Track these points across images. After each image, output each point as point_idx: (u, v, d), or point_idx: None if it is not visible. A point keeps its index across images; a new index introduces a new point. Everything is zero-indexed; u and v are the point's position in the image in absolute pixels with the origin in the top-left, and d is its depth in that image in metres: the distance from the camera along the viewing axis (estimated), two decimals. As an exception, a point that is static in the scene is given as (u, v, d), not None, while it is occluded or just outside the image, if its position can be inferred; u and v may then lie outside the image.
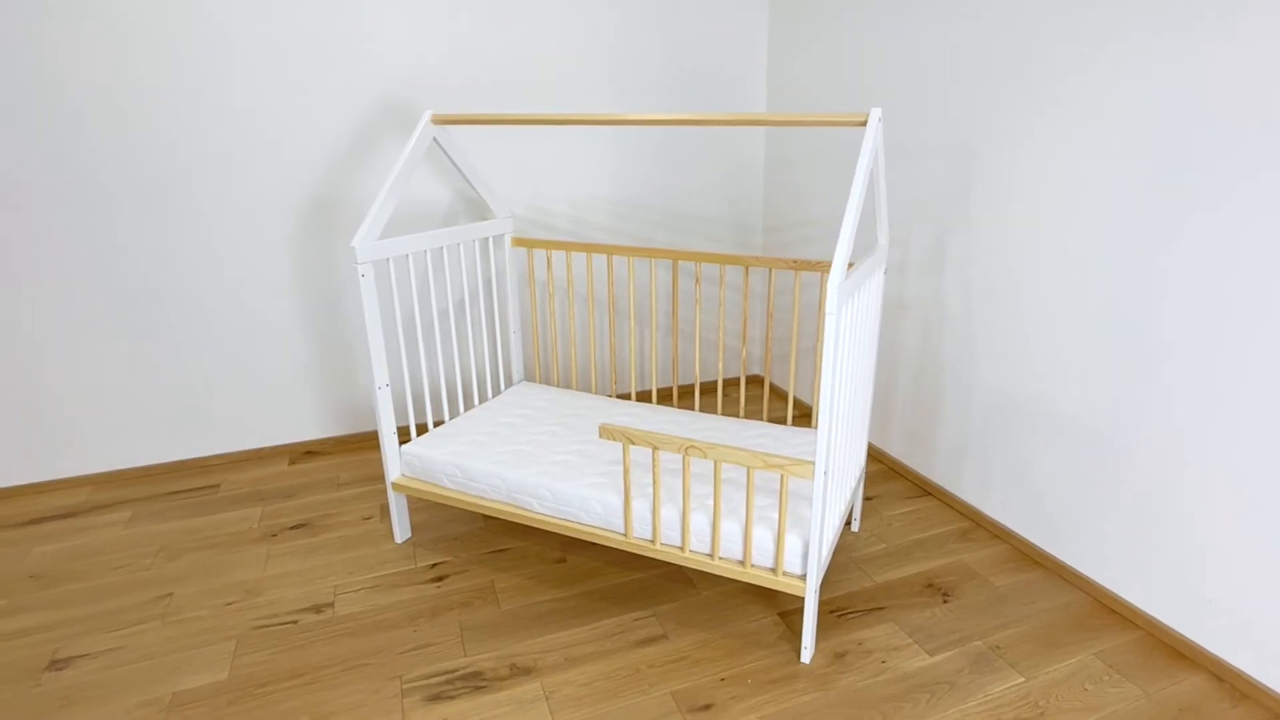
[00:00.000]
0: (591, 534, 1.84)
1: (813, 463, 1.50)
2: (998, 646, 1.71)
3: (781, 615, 1.84)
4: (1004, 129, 1.96)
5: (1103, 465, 1.81)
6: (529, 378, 3.05)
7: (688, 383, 3.39)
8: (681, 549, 1.73)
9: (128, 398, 2.53)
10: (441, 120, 2.11)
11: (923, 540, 2.15)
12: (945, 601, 1.88)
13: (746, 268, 2.19)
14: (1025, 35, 1.86)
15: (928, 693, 1.57)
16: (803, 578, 1.62)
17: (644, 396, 3.27)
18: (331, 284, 2.66)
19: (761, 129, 3.15)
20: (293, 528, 2.28)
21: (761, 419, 2.94)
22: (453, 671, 1.67)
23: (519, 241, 2.51)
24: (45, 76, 2.19)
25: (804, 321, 3.05)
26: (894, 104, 2.36)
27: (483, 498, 1.99)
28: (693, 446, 1.61)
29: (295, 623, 1.84)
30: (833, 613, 1.84)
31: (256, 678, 1.66)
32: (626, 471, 1.71)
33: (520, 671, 1.66)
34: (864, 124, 1.55)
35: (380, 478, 2.59)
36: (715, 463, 1.60)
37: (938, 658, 1.68)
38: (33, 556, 2.14)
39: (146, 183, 2.36)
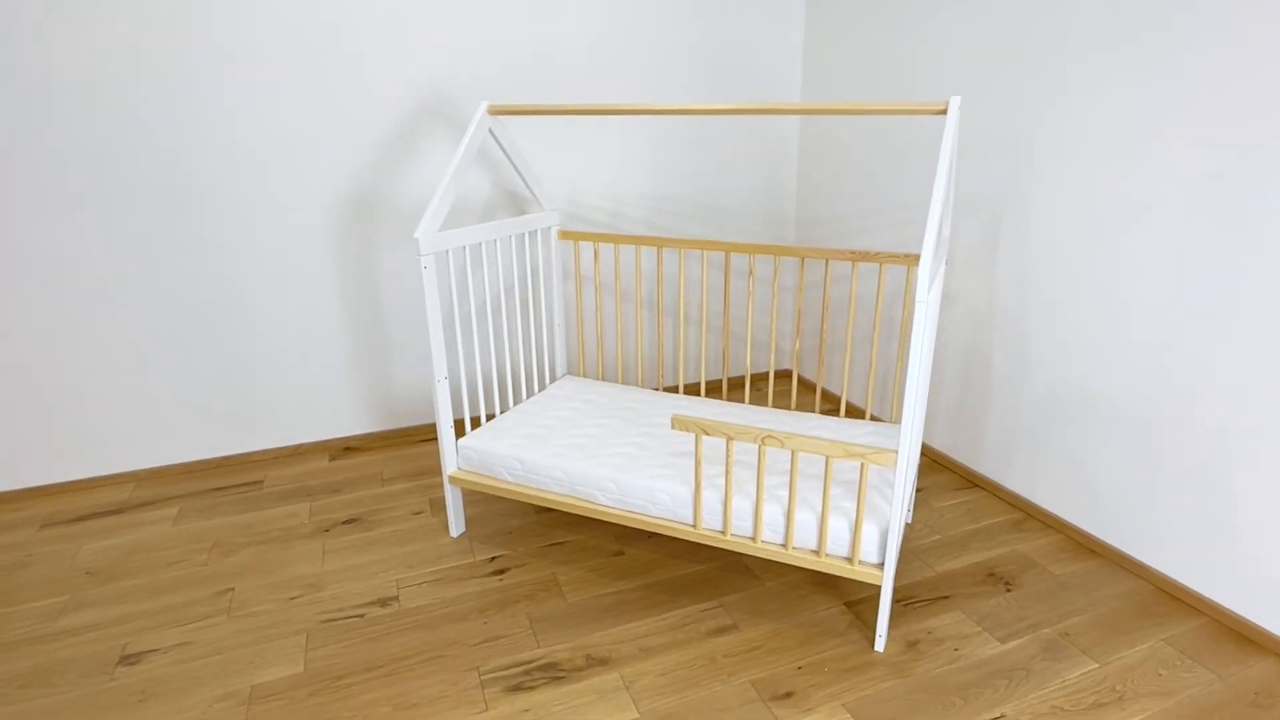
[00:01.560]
0: (658, 525, 1.87)
1: (895, 451, 1.54)
2: (1066, 634, 1.76)
3: (848, 605, 1.88)
4: (1061, 118, 2.00)
5: (1162, 454, 1.85)
6: (571, 371, 3.08)
7: (716, 378, 3.42)
8: (754, 539, 1.77)
9: (170, 395, 2.54)
10: (498, 111, 2.14)
11: (976, 531, 2.20)
12: (1008, 590, 1.92)
13: (801, 259, 2.22)
14: (1078, 24, 1.90)
15: (1005, 679, 1.62)
16: (879, 566, 1.66)
17: (686, 390, 3.30)
18: (370, 279, 2.68)
19: (796, 121, 3.18)
20: (344, 523, 2.30)
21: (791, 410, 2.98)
22: (529, 662, 1.70)
23: (565, 234, 2.53)
24: (94, 76, 2.19)
25: (835, 315, 3.09)
26: (934, 94, 2.40)
27: (544, 490, 2.02)
28: (770, 436, 1.64)
29: (362, 616, 1.87)
30: (899, 602, 1.89)
31: (333, 670, 1.68)
32: (698, 463, 1.74)
33: (596, 662, 1.69)
34: (944, 112, 1.59)
35: (426, 472, 2.61)
36: (793, 452, 1.64)
37: (1009, 645, 1.72)
38: (85, 553, 2.15)
39: (189, 181, 2.37)
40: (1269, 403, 1.62)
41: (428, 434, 2.92)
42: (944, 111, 1.59)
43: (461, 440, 2.14)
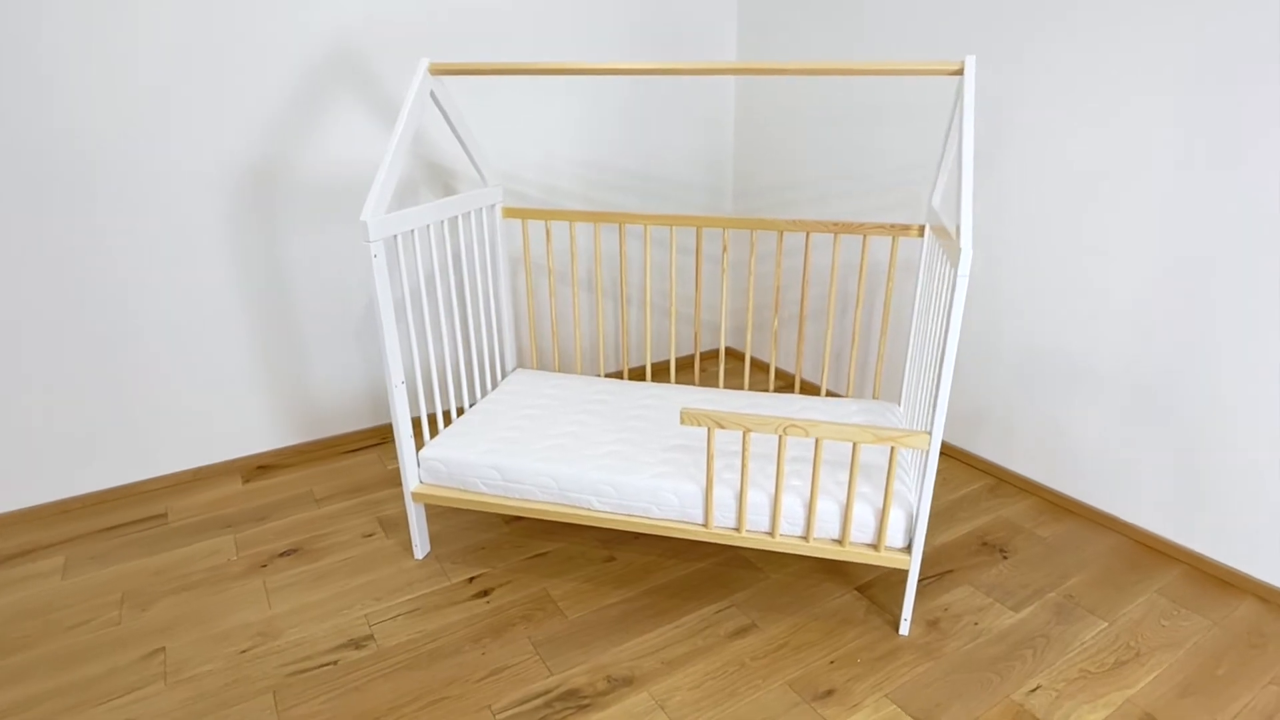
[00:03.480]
0: (665, 528, 1.80)
1: (927, 433, 1.55)
2: (1070, 595, 1.86)
3: (859, 590, 1.90)
4: (1039, 81, 2.07)
5: (1135, 414, 2.00)
6: (521, 364, 2.92)
7: (661, 359, 3.37)
8: (771, 534, 1.74)
9: (38, 418, 2.17)
10: (440, 70, 1.94)
11: (957, 500, 2.29)
12: (1005, 558, 2.01)
13: (780, 233, 2.20)
14: (1057, -5, 1.97)
15: (1029, 648, 1.69)
16: (905, 550, 1.68)
17: (638, 374, 3.23)
18: (276, 269, 2.40)
19: (732, 85, 3.15)
20: (283, 555, 2.07)
21: (744, 389, 2.99)
22: (546, 693, 1.59)
23: (510, 212, 2.38)
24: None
25: (788, 289, 3.11)
26: (893, 52, 2.43)
27: (529, 501, 1.90)
28: (793, 425, 1.61)
29: (336, 663, 1.68)
30: (905, 580, 1.93)
31: (320, 732, 1.51)
32: (710, 458, 1.68)
33: (620, 683, 1.62)
34: (959, 72, 1.59)
35: (366, 487, 2.40)
36: (817, 440, 1.62)
37: (1023, 613, 1.81)
38: (-47, 625, 1.81)
39: (42, 164, 2.01)
40: (1240, 360, 1.77)
41: (356, 443, 2.69)
42: (959, 71, 1.59)
43: (423, 451, 1.96)
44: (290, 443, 2.60)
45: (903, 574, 1.95)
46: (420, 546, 2.05)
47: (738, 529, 1.76)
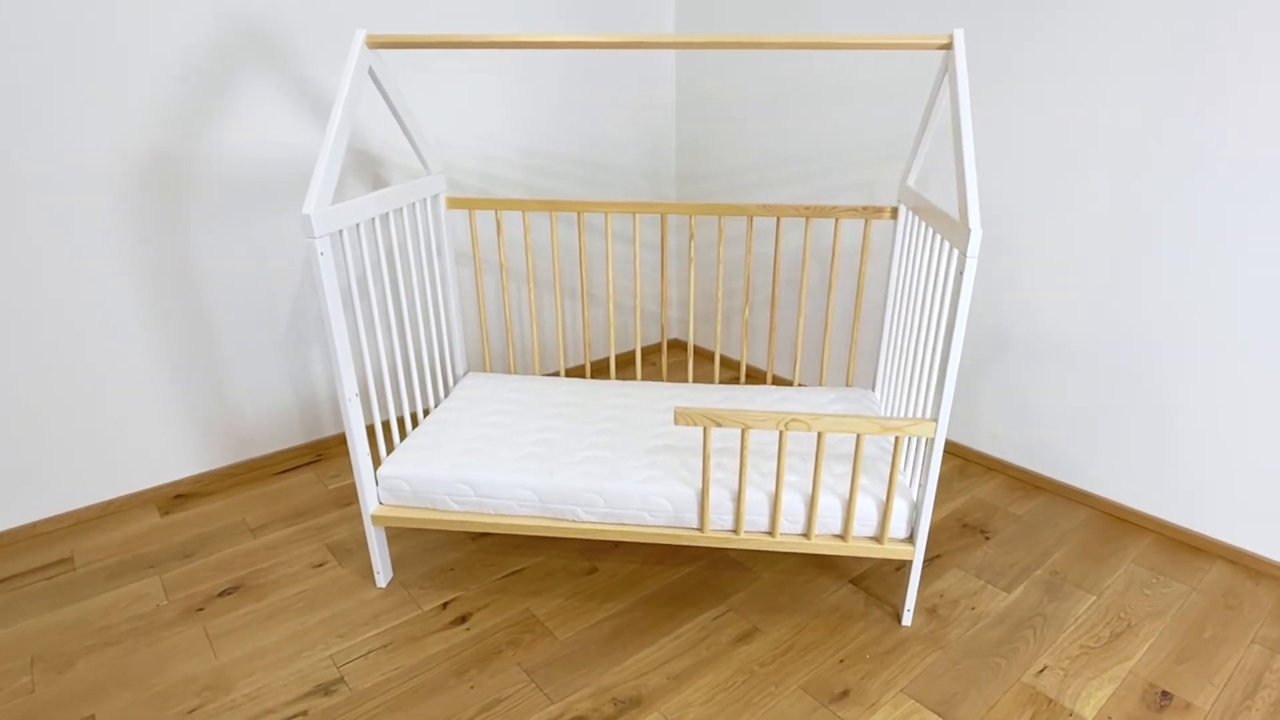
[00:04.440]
0: (657, 535, 1.73)
1: (933, 421, 1.54)
2: (1055, 571, 1.92)
3: (854, 583, 1.90)
4: (980, 54, 2.11)
5: (1102, 387, 2.08)
6: (471, 366, 2.76)
7: (607, 354, 3.29)
8: (771, 533, 1.70)
9: (-95, 459, 1.88)
10: (378, 43, 1.78)
11: (928, 483, 2.33)
12: (987, 539, 2.06)
13: (750, 218, 2.16)
14: (1016, -27, 2.01)
15: (1029, 628, 1.73)
16: (908, 541, 1.68)
17: (577, 371, 3.13)
18: (183, 271, 2.16)
19: (671, 67, 3.08)
20: (222, 594, 1.88)
21: (688, 381, 2.96)
22: (550, 724, 1.50)
23: (455, 202, 2.23)
24: None
25: (730, 279, 3.09)
26: (838, 26, 2.43)
27: (507, 515, 1.79)
28: (795, 420, 1.57)
29: (305, 713, 1.53)
30: (898, 570, 1.94)
31: (301, 795, 1.36)
32: (706, 459, 1.62)
33: (629, 704, 1.54)
34: (947, 46, 1.59)
35: (306, 512, 2.21)
36: (820, 435, 1.59)
37: (1015, 593, 1.85)
38: None
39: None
40: (1199, 335, 1.86)
41: (287, 462, 2.48)
42: (948, 45, 1.58)
43: (382, 469, 1.82)
44: (211, 467, 2.37)
45: (895, 564, 1.96)
46: (383, 573, 1.90)
47: (735, 531, 1.72)
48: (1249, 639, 1.69)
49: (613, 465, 1.81)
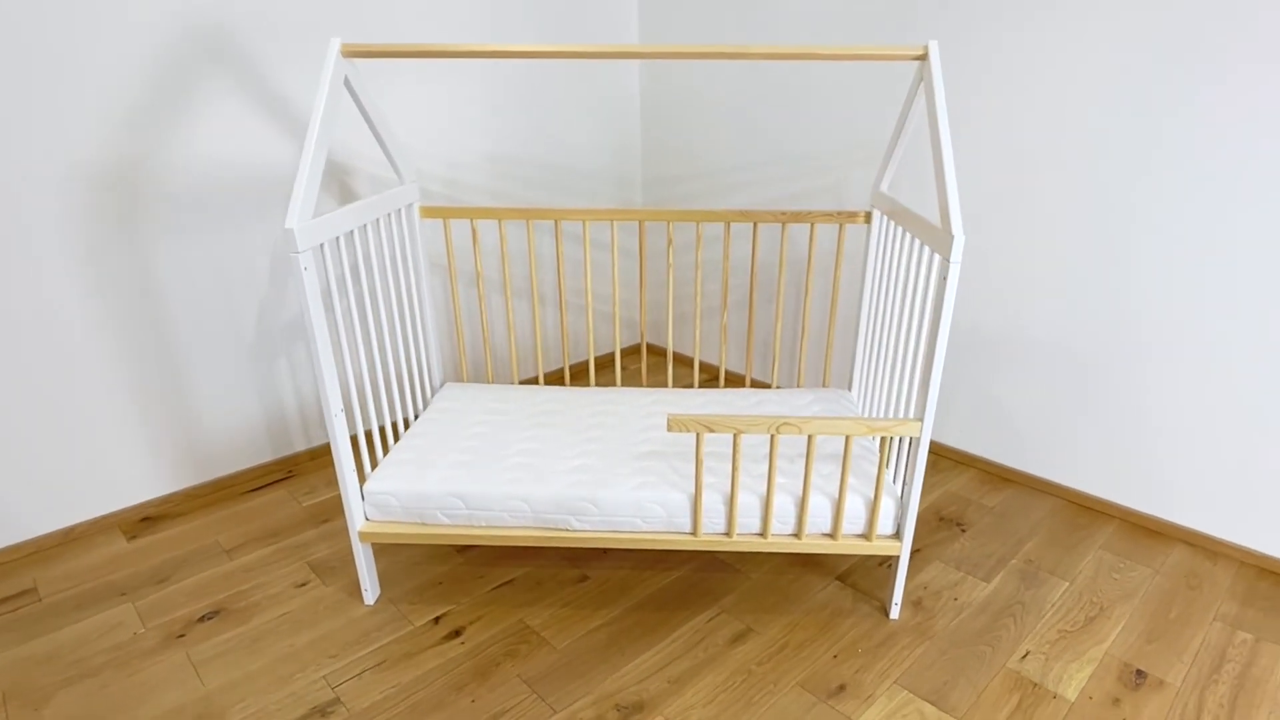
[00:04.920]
0: (651, 541, 1.77)
1: (919, 420, 1.61)
2: (1030, 560, 2.02)
3: (841, 579, 1.96)
4: (953, 55, 2.20)
5: (1068, 381, 2.19)
6: (447, 376, 2.74)
7: (579, 360, 3.31)
8: (763, 535, 1.75)
9: None
10: (353, 52, 1.77)
11: (902, 479, 2.41)
12: (963, 531, 2.15)
13: (728, 224, 2.20)
14: (977, -15, 2.10)
15: (1010, 616, 1.81)
16: (894, 536, 1.75)
17: (555, 377, 3.14)
18: (142, 284, 2.10)
19: (635, 70, 3.12)
20: (203, 619, 1.84)
21: (668, 385, 3.01)
22: (556, 734, 1.52)
23: (429, 212, 2.23)
24: None
25: (708, 281, 3.14)
26: (796, 30, 2.50)
27: (499, 527, 1.80)
28: (786, 424, 1.62)
29: (303, 737, 1.52)
30: (882, 565, 2.01)
31: (308, 821, 1.35)
32: (699, 464, 1.66)
33: (632, 710, 1.57)
34: (923, 57, 1.65)
35: (283, 530, 2.17)
36: (810, 437, 1.64)
37: (994, 583, 1.93)
38: None
39: None
40: (1158, 327, 1.98)
41: (258, 480, 2.43)
42: (922, 56, 1.65)
43: (368, 485, 1.80)
44: (177, 488, 2.31)
45: (879, 559, 2.03)
46: (370, 590, 1.88)
47: (728, 534, 1.76)
48: (1210, 616, 1.81)
49: (603, 473, 1.83)
